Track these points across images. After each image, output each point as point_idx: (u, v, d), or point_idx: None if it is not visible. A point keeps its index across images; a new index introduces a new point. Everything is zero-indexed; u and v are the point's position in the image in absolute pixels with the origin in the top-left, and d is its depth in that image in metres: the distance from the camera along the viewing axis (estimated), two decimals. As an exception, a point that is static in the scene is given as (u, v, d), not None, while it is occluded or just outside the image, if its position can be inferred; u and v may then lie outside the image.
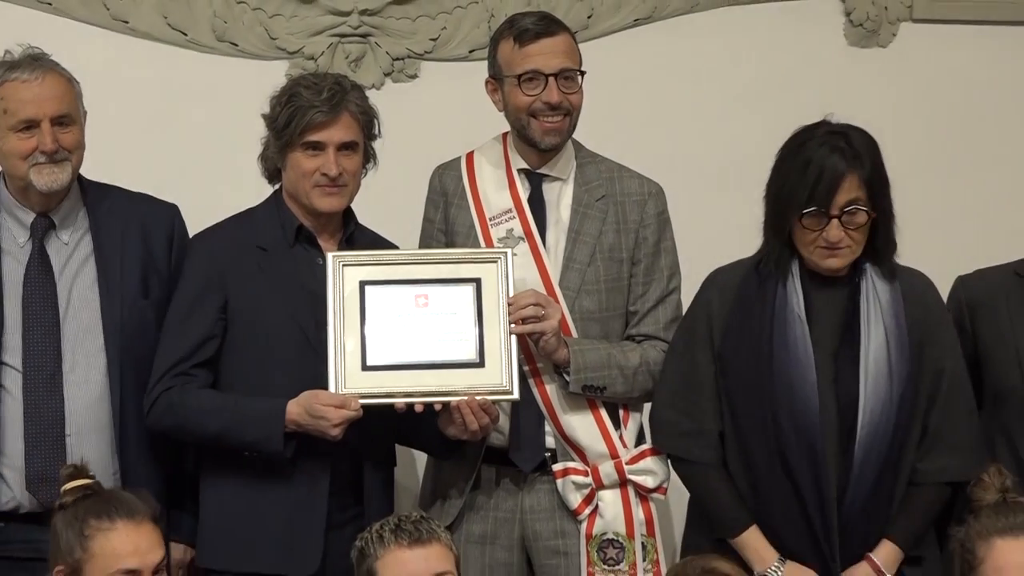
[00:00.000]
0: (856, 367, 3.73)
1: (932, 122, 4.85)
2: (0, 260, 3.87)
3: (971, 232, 4.10)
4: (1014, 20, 5.14)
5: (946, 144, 4.83)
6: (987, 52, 5.13)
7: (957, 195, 4.55)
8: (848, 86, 4.02)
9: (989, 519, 3.45)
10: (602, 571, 3.95)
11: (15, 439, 3.80)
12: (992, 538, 3.39)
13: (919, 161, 3.99)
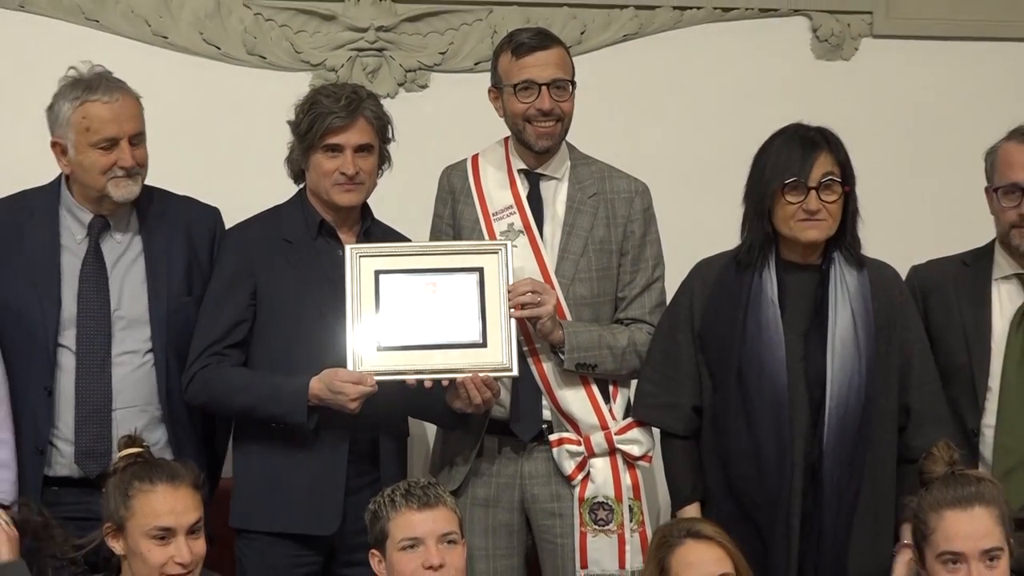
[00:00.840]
0: (824, 346, 3.73)
1: (890, 128, 4.86)
2: (60, 254, 3.89)
3: (924, 226, 4.11)
4: (963, 36, 5.15)
5: (903, 148, 4.84)
6: (939, 65, 5.15)
7: (912, 193, 4.57)
8: (815, 95, 4.04)
9: (939, 491, 3.41)
10: (593, 531, 3.96)
11: (67, 415, 3.83)
12: (942, 510, 3.36)
13: (878, 163, 4.00)
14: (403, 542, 3.39)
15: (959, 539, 3.32)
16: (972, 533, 3.32)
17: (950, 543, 3.33)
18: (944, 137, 4.75)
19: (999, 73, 5.13)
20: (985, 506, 3.36)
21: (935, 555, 3.35)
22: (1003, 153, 4.00)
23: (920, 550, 3.42)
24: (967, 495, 3.38)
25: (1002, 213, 3.97)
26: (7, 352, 3.82)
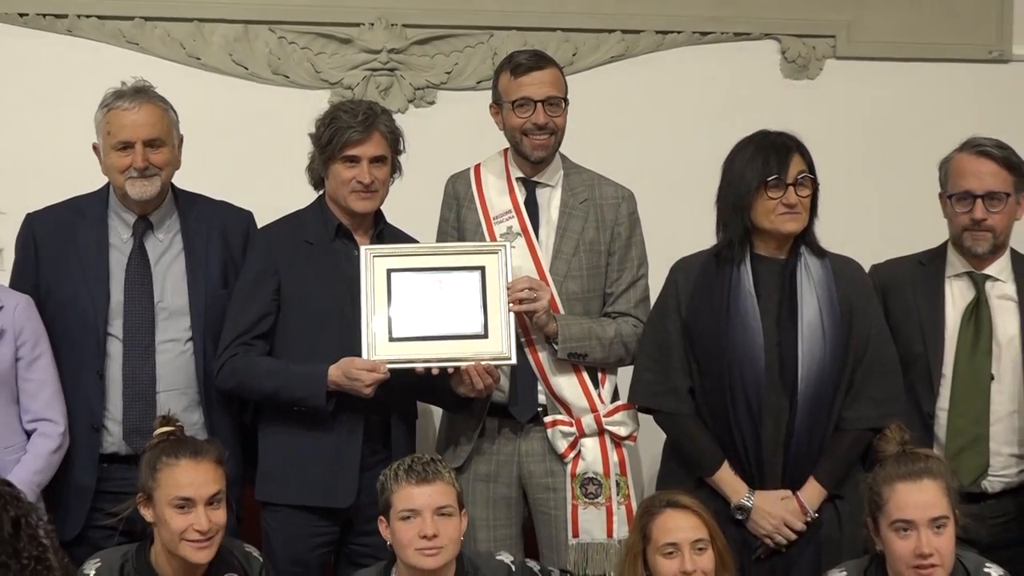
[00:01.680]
0: (795, 331, 3.75)
1: (851, 140, 4.87)
2: (108, 252, 3.91)
3: (883, 229, 4.12)
4: (917, 58, 5.16)
5: (863, 158, 4.85)
6: (895, 84, 5.16)
7: (873, 199, 4.58)
8: (784, 112, 4.02)
9: (892, 467, 3.45)
10: (584, 504, 3.97)
11: (116, 397, 3.85)
12: (895, 483, 3.40)
13: (841, 171, 4.01)
14: (402, 512, 3.41)
15: (910, 508, 3.35)
16: (921, 503, 3.36)
17: (902, 512, 3.36)
18: (900, 148, 4.76)
19: (950, 91, 5.15)
20: (933, 479, 3.40)
21: (888, 523, 3.38)
22: (956, 163, 4.00)
23: (874, 519, 3.45)
24: (917, 470, 3.42)
25: (955, 217, 3.98)
26: (61, 340, 3.86)
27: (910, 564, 3.35)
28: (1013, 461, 3.95)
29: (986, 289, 3.99)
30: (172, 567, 3.47)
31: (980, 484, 3.89)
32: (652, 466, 4.09)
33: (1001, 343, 3.96)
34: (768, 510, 3.73)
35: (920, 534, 3.34)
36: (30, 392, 3.79)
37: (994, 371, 3.95)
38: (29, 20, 4.78)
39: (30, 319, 3.80)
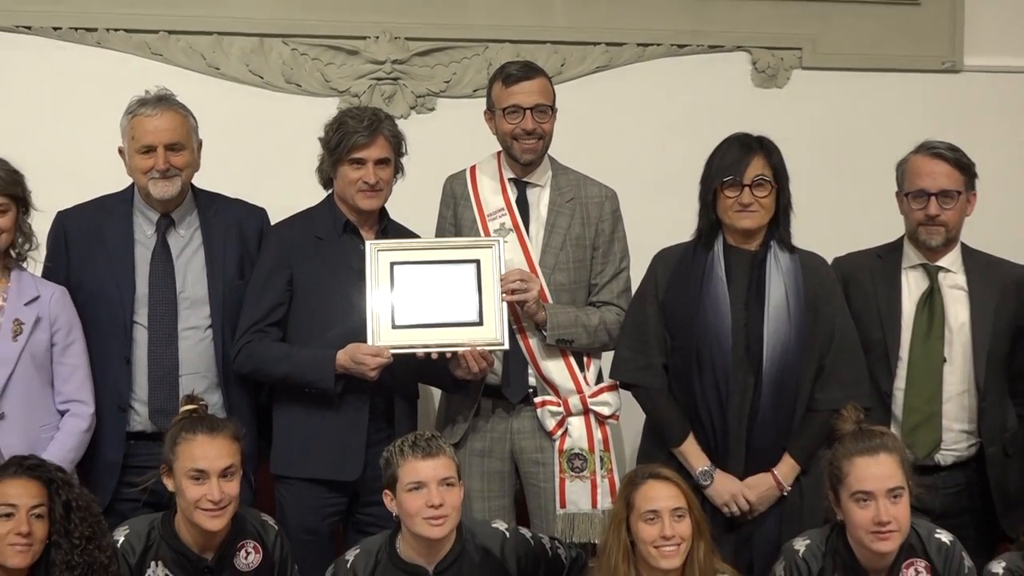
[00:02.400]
0: (762, 315, 3.77)
1: (816, 143, 4.85)
2: (133, 247, 3.92)
3: (844, 225, 4.13)
4: (876, 68, 5.17)
5: (827, 159, 4.84)
6: (856, 92, 5.17)
7: (835, 197, 4.58)
8: (754, 118, 4.00)
9: (851, 443, 3.48)
10: (571, 477, 3.98)
11: (142, 380, 3.86)
12: (854, 457, 3.42)
13: (806, 172, 3.98)
14: (409, 485, 3.40)
15: (868, 480, 3.38)
16: (879, 475, 3.38)
17: (861, 483, 3.38)
18: (860, 151, 4.76)
19: (906, 99, 5.15)
20: (889, 453, 3.43)
21: (849, 495, 3.40)
22: (911, 164, 4.01)
23: (835, 492, 3.47)
24: (874, 445, 3.44)
25: (911, 214, 3.99)
26: (91, 328, 3.86)
27: (869, 531, 3.37)
28: (963, 436, 3.96)
29: (939, 279, 4.00)
30: (193, 533, 3.49)
31: (933, 457, 3.91)
32: (633, 443, 4.10)
33: (953, 329, 3.97)
34: (725, 487, 3.76)
35: (878, 504, 3.36)
36: (63, 376, 3.79)
37: (946, 354, 3.96)
38: (63, 33, 4.78)
39: (64, 308, 3.80)
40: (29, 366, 3.72)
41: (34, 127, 4.65)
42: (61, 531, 3.32)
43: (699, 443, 3.81)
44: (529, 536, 3.69)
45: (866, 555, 3.45)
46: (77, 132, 4.58)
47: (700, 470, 3.75)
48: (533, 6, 5.00)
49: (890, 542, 3.38)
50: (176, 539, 3.51)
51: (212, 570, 3.52)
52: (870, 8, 5.16)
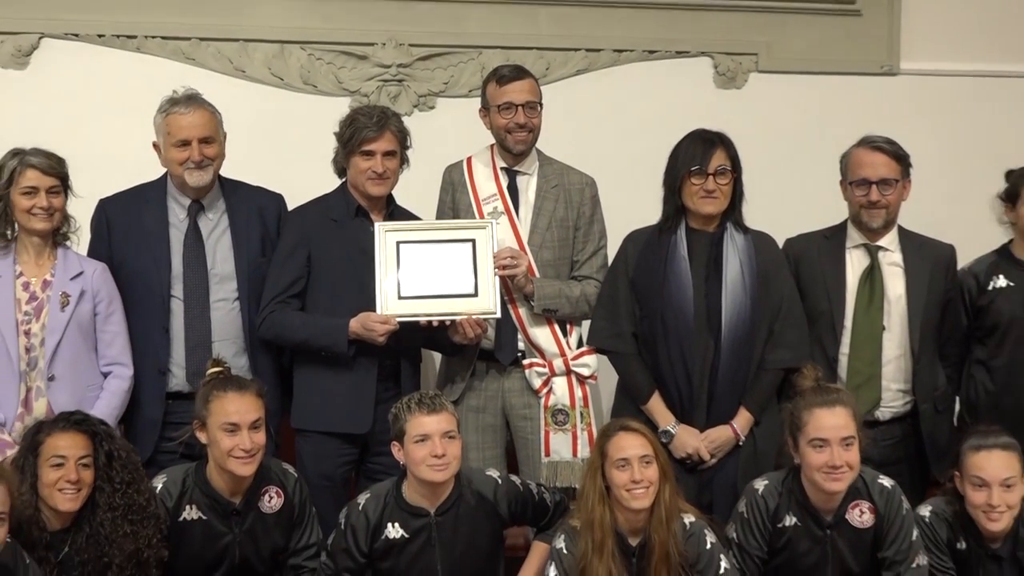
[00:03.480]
0: (720, 287, 3.78)
1: (771, 138, 4.85)
2: (168, 230, 3.90)
3: (794, 209, 4.13)
4: (823, 71, 5.16)
5: (780, 152, 4.83)
6: (806, 92, 5.16)
7: (787, 185, 4.58)
8: (716, 115, 4.00)
9: (811, 396, 3.51)
10: (554, 430, 3.98)
11: (179, 346, 3.85)
12: (813, 409, 3.45)
13: (762, 163, 4.00)
14: (416, 437, 3.43)
15: (825, 429, 3.41)
16: (835, 425, 3.42)
17: (819, 432, 3.42)
18: (809, 144, 4.74)
19: (849, 98, 5.14)
20: (844, 407, 3.47)
21: (807, 441, 3.45)
22: (854, 156, 4.01)
23: (794, 438, 3.50)
24: (831, 399, 3.48)
25: (854, 200, 3.99)
26: (132, 302, 3.86)
27: (823, 472, 3.42)
28: (900, 395, 3.97)
29: (878, 257, 3.99)
30: (223, 480, 3.51)
31: (873, 414, 3.90)
32: (609, 400, 4.09)
33: (891, 300, 3.96)
34: (687, 439, 3.77)
35: (833, 449, 3.40)
36: (106, 341, 3.79)
37: (885, 323, 3.95)
38: (106, 40, 4.77)
39: (105, 282, 3.79)
40: (76, 334, 3.71)
41: (80, 123, 4.63)
42: (104, 477, 3.35)
43: (666, 401, 3.82)
44: (518, 482, 3.69)
45: (818, 495, 3.48)
46: (118, 128, 4.54)
47: (662, 430, 3.76)
48: (521, 17, 4.99)
49: (841, 483, 3.43)
50: (208, 485, 3.52)
51: (240, 512, 3.53)
52: (817, 18, 5.14)
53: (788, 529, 3.50)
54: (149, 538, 3.36)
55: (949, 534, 3.56)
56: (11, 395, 3.65)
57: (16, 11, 4.69)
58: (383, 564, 3.52)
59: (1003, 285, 4.03)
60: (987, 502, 3.44)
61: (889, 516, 3.47)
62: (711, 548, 3.41)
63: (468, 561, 3.54)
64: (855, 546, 3.48)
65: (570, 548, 3.43)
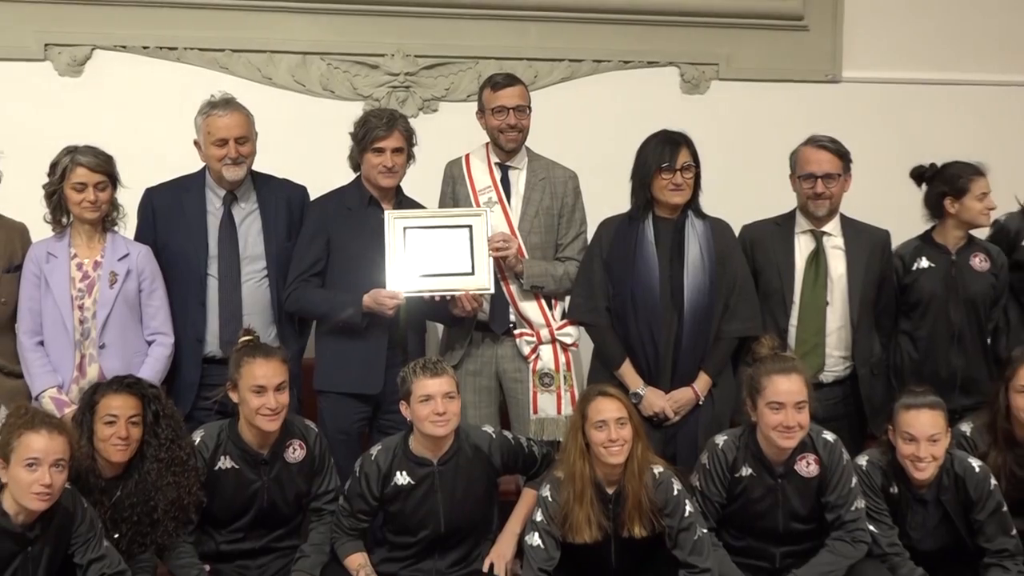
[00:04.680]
0: (682, 267, 3.78)
1: (730, 138, 4.81)
2: (206, 216, 3.88)
3: (749, 200, 4.10)
4: (775, 79, 5.15)
5: (737, 150, 4.80)
6: (761, 97, 5.14)
7: (743, 179, 4.54)
8: (682, 118, 3.95)
9: (770, 363, 3.50)
10: (541, 390, 3.97)
11: (214, 318, 3.83)
12: (771, 375, 3.44)
13: (721, 161, 4.00)
14: (421, 397, 3.42)
15: (782, 393, 3.41)
16: (790, 390, 3.41)
17: (776, 396, 3.42)
18: (763, 143, 4.68)
19: (798, 103, 5.11)
20: (798, 374, 3.47)
21: (765, 403, 3.44)
22: (802, 153, 4.00)
23: (752, 400, 3.49)
24: (787, 367, 3.48)
25: (801, 191, 3.98)
26: (174, 280, 3.84)
27: (777, 431, 3.41)
28: (841, 361, 3.97)
29: (823, 241, 3.98)
30: (252, 434, 3.51)
31: (818, 377, 3.88)
32: (588, 364, 4.06)
33: (833, 279, 3.96)
34: (654, 400, 3.76)
35: (787, 411, 3.40)
36: (150, 314, 3.77)
37: (828, 299, 3.94)
38: (150, 51, 4.75)
39: (149, 262, 3.78)
40: (123, 307, 3.70)
41: (128, 123, 4.59)
42: (151, 433, 3.36)
43: (635, 367, 3.80)
44: (510, 437, 3.69)
45: (771, 450, 3.48)
46: (161, 127, 4.50)
47: (632, 392, 3.74)
48: (513, 31, 4.97)
49: (793, 440, 3.43)
50: (239, 439, 3.52)
51: (267, 462, 3.53)
52: (770, 33, 5.13)
53: (744, 479, 3.50)
54: (189, 486, 3.37)
55: (883, 480, 3.55)
56: (68, 361, 3.65)
57: (71, 26, 4.67)
58: (392, 507, 3.52)
59: (925, 266, 4.03)
60: (915, 454, 3.44)
61: (831, 466, 3.46)
62: (677, 495, 3.41)
63: (466, 505, 3.53)
64: (802, 493, 3.48)
65: (555, 496, 3.43)
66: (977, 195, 3.99)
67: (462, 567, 3.56)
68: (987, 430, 3.64)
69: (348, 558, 3.51)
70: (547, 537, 3.40)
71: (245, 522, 3.53)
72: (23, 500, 2.98)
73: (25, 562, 3.03)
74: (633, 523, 3.40)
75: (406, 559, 3.54)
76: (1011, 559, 3.46)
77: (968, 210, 4.01)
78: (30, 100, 4.62)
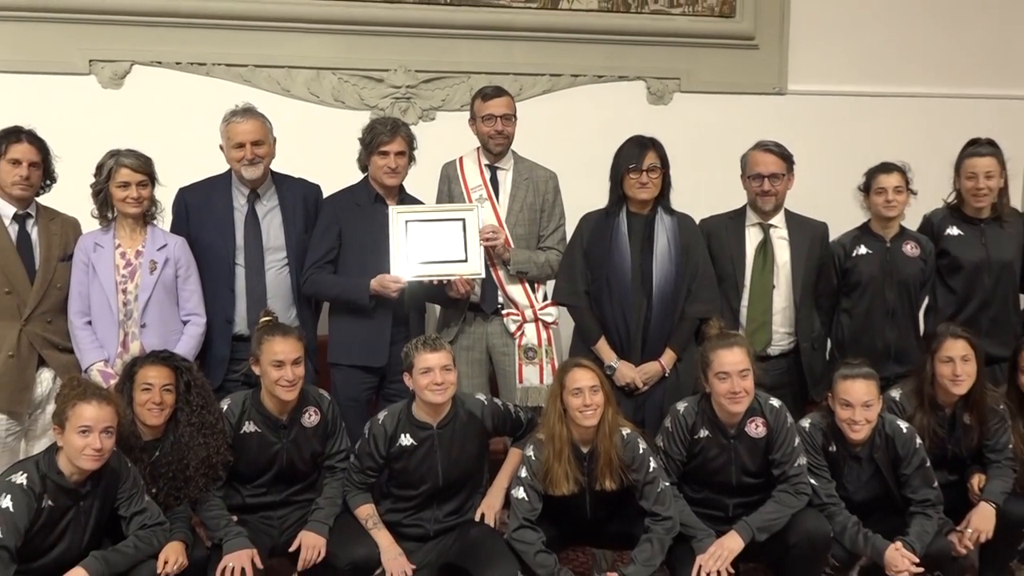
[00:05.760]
0: (651, 257, 3.77)
1: (690, 143, 4.76)
2: (232, 212, 3.86)
3: (707, 197, 4.08)
4: (729, 91, 5.14)
5: (697, 154, 4.75)
6: (717, 107, 5.13)
7: (702, 178, 4.50)
8: (648, 126, 3.94)
9: (715, 340, 3.50)
10: (526, 363, 3.98)
11: (241, 301, 3.82)
12: (717, 350, 3.44)
13: (684, 162, 3.96)
14: (421, 369, 3.40)
15: (726, 364, 3.41)
16: (733, 361, 3.41)
17: (722, 366, 3.41)
18: (719, 148, 4.64)
19: (749, 112, 5.10)
20: (739, 346, 3.46)
21: (714, 374, 3.44)
22: (751, 156, 4.00)
23: (704, 372, 3.49)
24: (730, 341, 3.48)
25: (750, 189, 3.99)
26: (205, 268, 3.82)
27: (726, 397, 3.42)
28: (785, 336, 3.97)
29: (770, 233, 3.97)
30: (273, 402, 3.50)
31: (766, 351, 3.90)
32: (567, 341, 4.07)
33: (779, 265, 3.95)
34: (625, 372, 3.76)
35: (733, 379, 3.40)
36: (185, 297, 3.75)
37: (774, 283, 3.94)
38: (182, 66, 4.72)
39: (184, 252, 3.76)
40: (161, 291, 3.68)
41: (163, 130, 4.56)
42: (184, 400, 3.35)
43: (610, 343, 3.79)
44: (499, 404, 3.68)
45: (724, 414, 3.48)
46: (192, 133, 4.46)
47: (607, 365, 3.74)
48: (500, 50, 4.95)
49: (741, 404, 3.43)
50: (262, 406, 3.51)
51: (286, 426, 3.52)
52: (725, 51, 5.11)
53: (702, 439, 3.50)
54: (218, 447, 3.37)
55: (823, 440, 3.56)
56: (113, 338, 3.64)
57: (113, 44, 4.65)
58: (396, 465, 3.52)
59: (863, 252, 4.02)
60: (851, 418, 3.45)
61: (777, 428, 3.47)
62: (643, 453, 3.41)
63: (461, 463, 3.53)
64: (752, 451, 3.48)
65: (537, 455, 3.43)
66: (876, 190, 3.99)
67: (457, 517, 3.55)
68: (914, 395, 3.66)
69: (358, 509, 3.51)
70: (531, 491, 3.40)
71: (267, 479, 3.53)
72: (77, 461, 2.99)
73: (78, 514, 3.04)
74: (605, 478, 3.40)
75: (408, 510, 3.54)
76: (932, 507, 3.48)
77: (873, 204, 4.02)
78: (77, 110, 4.59)
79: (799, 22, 5.17)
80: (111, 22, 4.62)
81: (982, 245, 4.04)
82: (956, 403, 3.63)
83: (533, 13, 4.91)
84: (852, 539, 3.43)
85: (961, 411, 3.63)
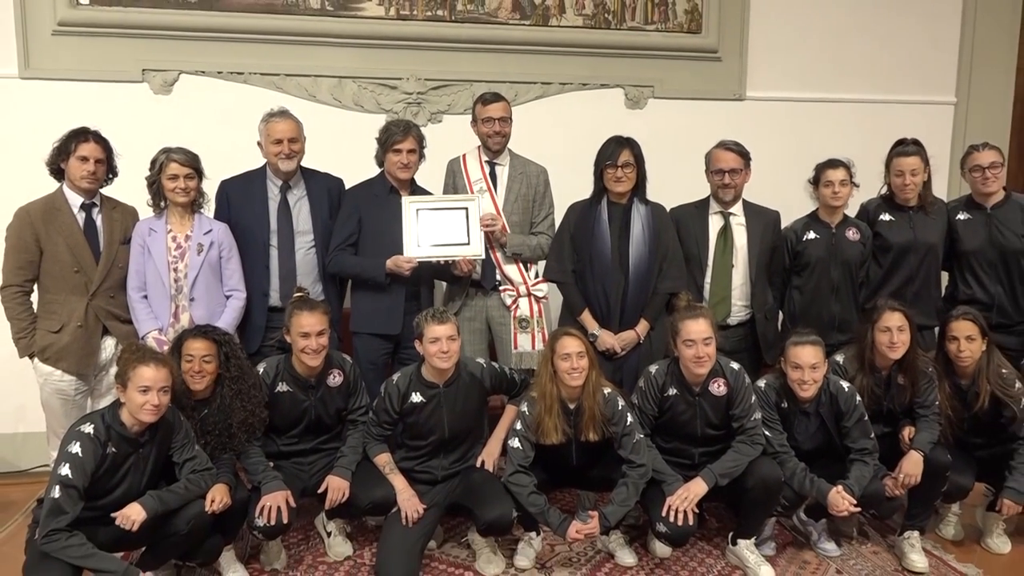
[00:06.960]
0: (628, 241, 3.76)
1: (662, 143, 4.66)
2: (267, 201, 3.85)
3: (676, 189, 4.05)
4: (695, 98, 5.09)
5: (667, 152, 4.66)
6: (686, 112, 5.07)
7: (672, 173, 4.45)
8: (627, 128, 3.91)
9: (683, 312, 3.50)
10: (520, 332, 3.97)
11: (275, 278, 3.81)
12: (685, 320, 3.44)
13: (656, 160, 3.93)
14: (430, 338, 3.42)
15: (692, 332, 3.42)
16: (699, 330, 3.41)
17: (688, 334, 3.42)
18: (687, 147, 4.60)
19: (712, 116, 5.04)
20: (704, 317, 3.46)
21: (681, 341, 3.45)
22: (714, 154, 3.99)
23: (673, 339, 3.48)
24: (696, 313, 3.47)
25: (713, 183, 3.98)
26: (245, 249, 3.80)
27: (692, 361, 3.42)
28: (743, 309, 3.96)
29: (730, 220, 3.96)
30: (302, 366, 3.51)
31: (726, 321, 3.90)
32: (557, 312, 4.07)
33: (737, 248, 3.94)
34: (606, 339, 3.76)
35: (698, 346, 3.39)
36: (227, 275, 3.74)
37: (733, 263, 3.93)
38: (223, 75, 4.67)
39: (226, 236, 3.75)
40: (208, 270, 3.67)
41: (207, 130, 4.51)
42: (225, 368, 3.35)
43: (592, 314, 3.79)
44: (497, 367, 3.69)
45: (690, 375, 3.48)
46: (232, 133, 4.40)
47: (591, 333, 3.74)
48: (498, 61, 4.90)
49: (704, 368, 3.43)
50: (293, 369, 3.52)
51: (314, 386, 3.53)
52: (693, 62, 5.06)
53: (671, 397, 3.51)
54: (255, 408, 3.38)
55: (776, 398, 3.57)
56: (165, 311, 3.63)
57: (163, 55, 4.60)
58: (408, 419, 3.53)
59: (812, 237, 4.01)
60: (800, 379, 3.47)
61: (737, 387, 3.48)
62: (621, 409, 3.43)
63: (464, 418, 3.54)
64: (715, 407, 3.49)
65: (530, 410, 3.44)
66: (824, 183, 3.98)
67: (460, 464, 3.58)
68: (855, 359, 3.67)
69: (376, 457, 3.53)
70: (524, 441, 3.41)
71: (298, 431, 3.55)
72: (137, 415, 2.99)
73: (137, 460, 3.06)
74: (588, 430, 3.42)
75: (419, 458, 3.56)
76: (869, 455, 3.50)
77: (821, 195, 4.00)
78: (132, 113, 4.56)
79: (757, 38, 5.13)
80: (162, 36, 4.58)
81: (910, 229, 4.03)
82: (891, 366, 3.63)
83: (526, 29, 4.88)
84: (800, 483, 3.45)
85: (896, 373, 3.64)
